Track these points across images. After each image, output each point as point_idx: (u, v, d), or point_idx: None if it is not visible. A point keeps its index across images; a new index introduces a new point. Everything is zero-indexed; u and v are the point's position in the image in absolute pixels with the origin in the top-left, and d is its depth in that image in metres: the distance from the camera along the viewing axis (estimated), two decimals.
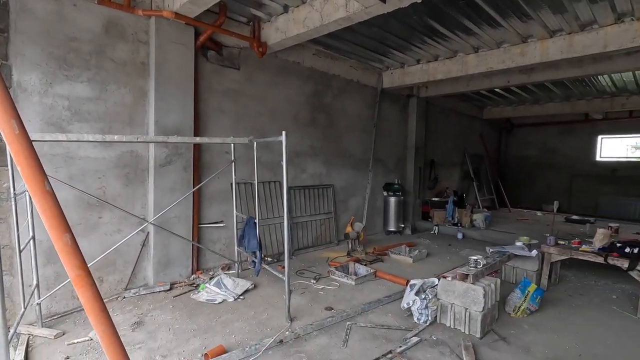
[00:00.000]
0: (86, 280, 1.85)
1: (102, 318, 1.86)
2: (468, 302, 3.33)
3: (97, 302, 1.84)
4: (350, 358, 2.90)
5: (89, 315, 1.91)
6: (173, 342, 3.09)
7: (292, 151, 6.03)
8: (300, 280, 4.70)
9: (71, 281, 1.92)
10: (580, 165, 11.69)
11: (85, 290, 1.84)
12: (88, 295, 1.85)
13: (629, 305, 4.08)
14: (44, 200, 1.70)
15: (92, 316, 1.89)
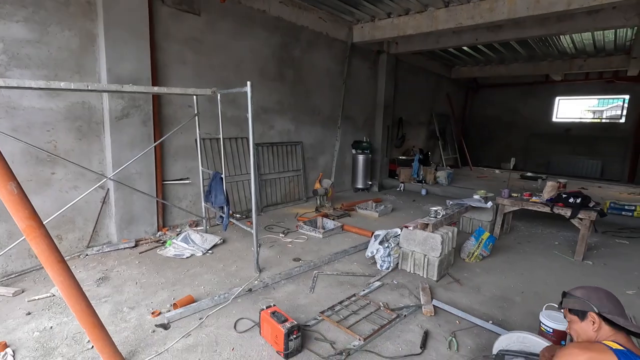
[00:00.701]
0: (38, 231, 1.77)
1: (59, 269, 1.82)
2: (427, 249, 3.55)
3: (53, 253, 1.78)
4: (316, 302, 3.06)
5: (45, 267, 1.86)
6: (140, 295, 3.10)
7: (259, 107, 5.86)
8: (269, 235, 4.77)
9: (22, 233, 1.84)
10: (537, 126, 12.30)
11: (39, 242, 1.78)
12: (42, 247, 1.78)
13: (568, 250, 4.53)
14: None
15: (49, 267, 1.84)
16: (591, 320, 1.45)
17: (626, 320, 1.40)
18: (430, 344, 2.51)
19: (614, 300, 1.48)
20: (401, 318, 2.80)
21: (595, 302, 1.47)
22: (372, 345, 2.48)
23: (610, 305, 1.45)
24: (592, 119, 11.85)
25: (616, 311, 1.44)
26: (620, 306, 1.47)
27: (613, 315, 1.42)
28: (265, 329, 2.47)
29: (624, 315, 1.43)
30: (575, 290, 1.56)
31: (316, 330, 2.63)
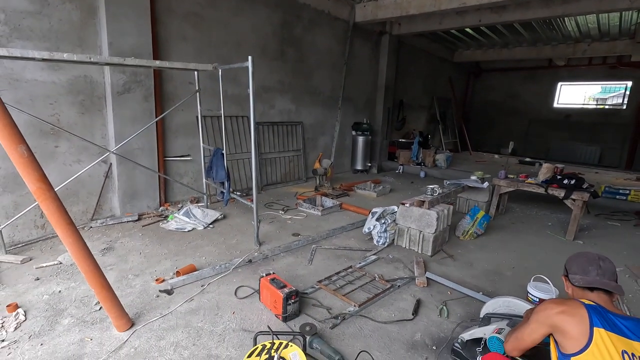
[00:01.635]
0: (48, 194, 1.85)
1: (69, 230, 1.91)
2: (422, 226, 3.65)
3: (62, 215, 1.87)
4: (314, 273, 3.17)
5: (56, 228, 1.95)
6: (144, 264, 3.21)
7: (260, 86, 5.86)
8: (269, 212, 4.87)
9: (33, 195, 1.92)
10: (538, 111, 12.27)
11: (49, 203, 1.85)
12: (52, 209, 1.86)
13: (561, 230, 4.63)
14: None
15: (59, 228, 1.93)
16: (564, 282, 1.57)
17: (584, 276, 1.48)
18: (421, 312, 2.64)
19: (581, 259, 1.55)
20: (395, 288, 2.92)
21: (568, 266, 1.59)
22: (367, 311, 2.60)
23: (575, 267, 1.54)
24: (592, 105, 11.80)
25: (579, 270, 1.52)
26: (586, 261, 1.52)
27: (573, 276, 1.52)
28: (264, 294, 2.59)
29: (586, 271, 1.49)
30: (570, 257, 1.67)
31: (313, 298, 2.74)
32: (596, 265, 1.50)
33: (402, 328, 2.43)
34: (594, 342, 1.30)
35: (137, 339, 2.21)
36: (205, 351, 2.13)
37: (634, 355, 1.28)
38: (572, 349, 1.34)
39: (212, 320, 2.43)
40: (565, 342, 1.38)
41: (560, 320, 1.40)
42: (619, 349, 1.28)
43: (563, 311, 1.40)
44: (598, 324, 1.32)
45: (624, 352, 1.28)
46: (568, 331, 1.37)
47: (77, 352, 2.07)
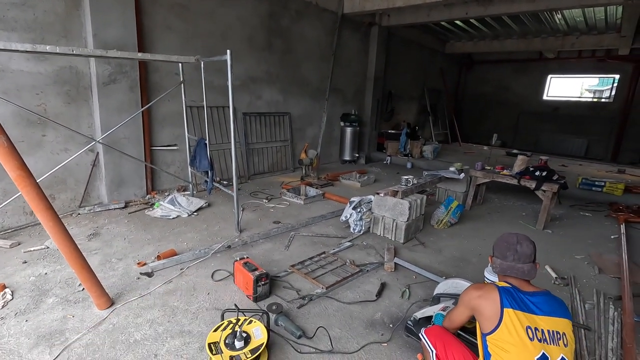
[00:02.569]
0: (28, 181, 1.99)
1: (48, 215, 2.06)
2: (396, 214, 3.83)
3: (42, 201, 2.01)
4: (289, 258, 3.35)
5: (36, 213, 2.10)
6: (128, 249, 3.37)
7: (247, 76, 5.95)
8: (253, 201, 5.03)
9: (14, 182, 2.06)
10: (528, 104, 12.39)
11: (29, 190, 2.00)
12: (32, 195, 2.01)
13: (533, 220, 4.81)
14: None
15: (39, 213, 2.08)
16: (490, 260, 1.74)
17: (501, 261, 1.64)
18: (385, 294, 2.82)
19: (502, 244, 1.68)
20: (364, 272, 3.11)
21: (493, 249, 1.74)
22: (334, 293, 2.78)
23: (497, 251, 1.70)
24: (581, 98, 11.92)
25: (498, 254, 1.67)
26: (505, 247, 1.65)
27: (495, 259, 1.68)
28: (237, 277, 2.76)
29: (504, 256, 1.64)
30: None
31: (285, 281, 2.92)
32: (513, 250, 1.63)
33: (365, 308, 2.62)
34: (503, 322, 1.46)
35: (116, 316, 2.38)
36: (178, 327, 2.30)
37: (537, 328, 1.45)
38: (487, 329, 1.51)
39: (187, 300, 2.61)
40: (482, 322, 1.55)
41: (478, 304, 1.57)
42: (524, 325, 1.44)
43: (480, 295, 1.57)
44: (507, 305, 1.48)
45: (528, 328, 1.44)
46: (483, 313, 1.53)
47: (59, 328, 2.24)
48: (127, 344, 2.13)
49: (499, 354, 1.47)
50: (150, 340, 2.17)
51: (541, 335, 1.46)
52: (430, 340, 1.75)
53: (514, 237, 1.70)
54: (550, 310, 1.51)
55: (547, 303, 1.53)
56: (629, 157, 10.59)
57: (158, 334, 2.23)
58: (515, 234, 1.72)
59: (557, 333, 1.47)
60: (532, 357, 1.42)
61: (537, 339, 1.45)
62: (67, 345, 2.10)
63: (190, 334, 2.24)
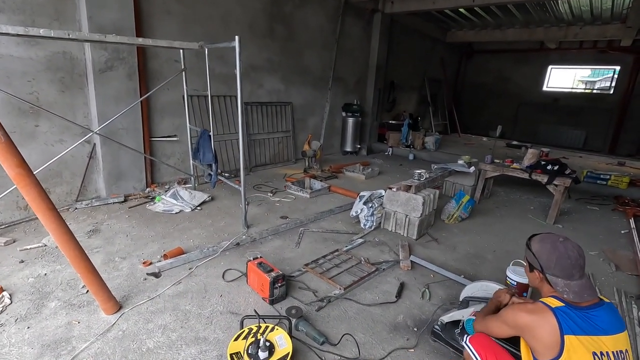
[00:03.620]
0: (28, 179, 1.81)
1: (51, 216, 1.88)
2: (409, 210, 3.71)
3: (44, 200, 1.83)
4: (301, 256, 3.22)
5: (37, 214, 1.92)
6: (131, 247, 3.21)
7: (248, 64, 5.72)
8: (257, 194, 4.87)
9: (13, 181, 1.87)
10: (528, 95, 12.32)
11: (29, 190, 1.82)
12: (33, 194, 1.83)
13: (542, 214, 4.76)
14: None
15: (41, 214, 1.90)
16: (537, 275, 1.55)
17: (569, 281, 1.43)
18: (405, 294, 2.72)
19: (564, 261, 1.46)
20: (380, 271, 3.00)
21: (544, 262, 1.50)
22: (352, 294, 2.67)
23: (556, 268, 1.46)
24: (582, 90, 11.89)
25: (562, 274, 1.45)
26: (570, 265, 1.45)
27: (554, 278, 1.46)
28: (251, 278, 2.63)
29: (570, 275, 1.44)
30: (534, 242, 1.58)
31: (300, 281, 2.80)
32: (578, 266, 1.45)
33: (386, 310, 2.51)
34: (565, 350, 1.31)
35: (125, 321, 2.24)
36: (193, 333, 2.17)
37: (602, 353, 1.31)
38: (544, 357, 1.36)
39: (199, 303, 2.47)
40: (538, 350, 1.38)
41: (530, 328, 1.40)
42: (590, 351, 1.30)
43: (534, 320, 1.40)
44: (568, 332, 1.33)
45: (594, 354, 1.30)
46: (540, 340, 1.37)
47: (65, 335, 2.09)
48: (139, 352, 2.00)
49: None
50: (164, 348, 2.04)
51: (607, 359, 1.32)
52: (478, 351, 1.58)
53: (565, 245, 1.49)
54: (612, 325, 1.37)
55: (608, 317, 1.39)
56: (627, 149, 10.64)
57: (172, 341, 2.09)
58: (563, 241, 1.51)
59: (621, 352, 1.34)
60: None
61: None
62: (75, 355, 1.95)
63: (207, 341, 2.11)
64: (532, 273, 1.60)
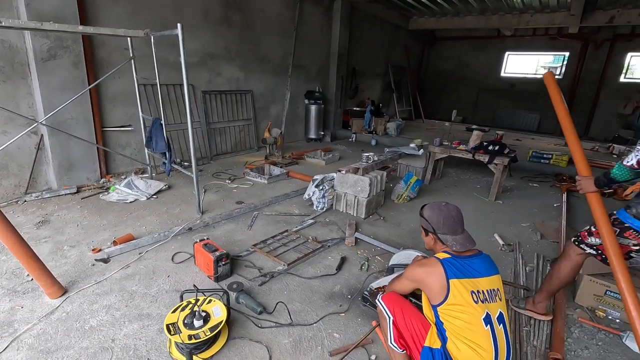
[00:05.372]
0: None
1: None
2: (357, 191, 3.92)
3: None
4: (252, 238, 3.36)
5: None
6: (81, 235, 3.24)
7: (204, 53, 5.70)
8: (216, 182, 4.94)
9: None
10: (486, 80, 12.82)
11: None
12: None
13: (486, 192, 5.10)
14: None
15: None
16: (431, 237, 1.82)
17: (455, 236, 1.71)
18: (345, 267, 2.93)
19: (449, 219, 1.74)
20: (325, 248, 3.19)
21: (435, 224, 1.76)
22: (295, 269, 2.85)
23: (445, 227, 1.73)
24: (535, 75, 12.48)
25: (449, 230, 1.72)
26: (454, 222, 1.73)
27: (443, 235, 1.73)
28: (198, 258, 2.75)
29: (455, 230, 1.72)
30: (425, 210, 1.86)
31: (247, 260, 2.95)
32: (459, 222, 1.75)
33: (325, 282, 2.71)
34: (451, 292, 1.56)
35: (69, 304, 2.31)
36: (137, 311, 2.28)
37: (479, 291, 1.57)
38: (436, 301, 1.60)
39: (146, 283, 2.57)
40: (431, 295, 1.64)
41: (423, 278, 1.66)
42: (469, 290, 1.56)
43: (425, 271, 1.66)
44: (452, 276, 1.58)
45: (472, 292, 1.56)
46: (431, 287, 1.62)
47: (7, 319, 2.15)
48: (82, 331, 2.09)
49: (450, 322, 1.57)
50: (107, 325, 2.14)
51: (482, 296, 1.58)
52: (387, 306, 1.81)
53: (448, 207, 1.79)
54: (486, 270, 1.65)
55: (483, 263, 1.66)
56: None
57: (115, 319, 2.20)
58: (445, 205, 1.82)
59: (493, 290, 1.62)
60: (479, 318, 1.53)
61: (480, 300, 1.57)
62: (17, 336, 2.02)
63: (150, 317, 2.23)
64: (427, 237, 1.85)
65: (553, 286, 2.29)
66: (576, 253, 2.19)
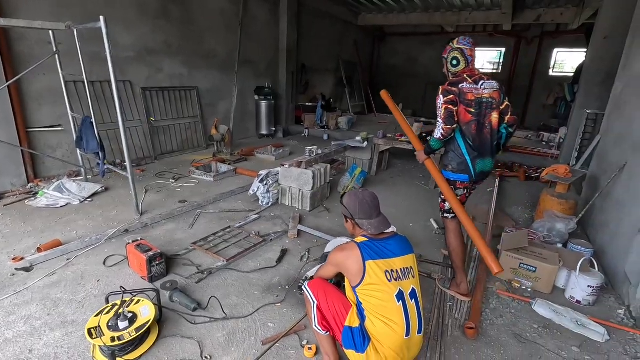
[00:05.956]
0: None
1: None
2: (301, 184, 3.97)
3: None
4: (193, 236, 3.30)
5: None
6: (1, 244, 3.00)
7: (142, 47, 5.45)
8: (159, 181, 4.77)
9: None
10: (433, 75, 13.42)
11: None
12: None
13: (428, 181, 5.38)
14: None
15: None
16: (351, 223, 1.91)
17: (371, 220, 1.79)
18: (286, 259, 2.97)
19: (364, 205, 1.82)
20: (267, 242, 3.21)
21: (352, 210, 1.85)
22: (235, 264, 2.85)
23: (361, 212, 1.81)
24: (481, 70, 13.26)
25: (365, 215, 1.80)
26: (369, 208, 1.81)
27: (360, 221, 1.81)
28: (132, 260, 2.66)
29: (370, 215, 1.80)
30: (344, 198, 1.94)
31: (186, 258, 2.90)
32: (374, 207, 1.84)
33: (264, 275, 2.73)
34: (367, 273, 1.65)
35: None
36: (60, 319, 2.17)
37: (393, 270, 1.68)
38: (355, 282, 1.69)
39: (73, 290, 2.45)
40: (350, 278, 1.73)
41: (343, 262, 1.74)
42: (383, 270, 1.66)
43: (344, 255, 1.74)
44: (368, 258, 1.67)
45: (386, 271, 1.66)
46: (350, 270, 1.71)
47: None
48: None
49: (368, 300, 1.67)
50: (24, 336, 2.02)
51: (396, 274, 1.69)
52: (312, 292, 1.88)
53: (363, 194, 1.88)
54: (400, 250, 1.76)
55: (397, 244, 1.77)
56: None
57: (34, 328, 2.08)
58: (362, 192, 1.91)
59: (407, 268, 1.73)
60: (392, 295, 1.64)
61: (393, 279, 1.68)
62: None
63: (75, 324, 2.13)
64: (347, 223, 1.94)
65: (456, 261, 2.56)
66: (447, 222, 2.61)
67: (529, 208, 4.47)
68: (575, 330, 2.26)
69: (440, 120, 2.33)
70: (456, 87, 2.36)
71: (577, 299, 2.55)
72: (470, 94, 2.35)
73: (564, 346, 2.15)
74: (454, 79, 2.45)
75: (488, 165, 2.47)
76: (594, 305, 2.54)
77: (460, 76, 2.43)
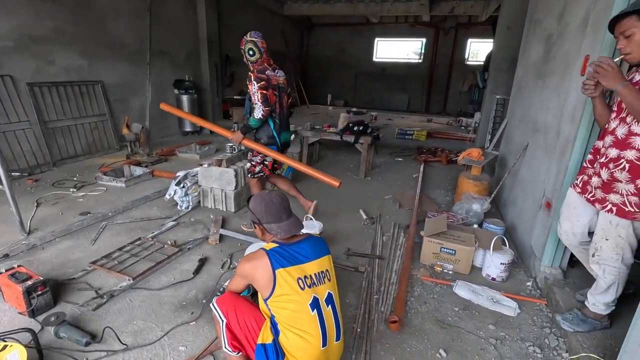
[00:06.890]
0: None
1: None
2: (224, 184, 3.69)
3: None
4: (95, 253, 2.86)
5: None
6: None
7: (23, 35, 4.64)
8: (57, 192, 4.12)
9: None
10: (362, 65, 13.72)
11: None
12: None
13: (358, 170, 5.40)
14: None
15: None
16: (259, 228, 1.75)
17: (280, 223, 1.63)
18: (205, 269, 2.71)
19: (271, 207, 1.66)
20: (184, 251, 2.91)
21: (259, 214, 1.68)
22: (144, 282, 2.51)
23: (268, 216, 1.65)
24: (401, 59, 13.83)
25: (273, 219, 1.64)
26: (277, 210, 1.65)
27: (268, 225, 1.65)
28: (6, 292, 2.19)
29: (279, 218, 1.64)
30: (250, 202, 1.75)
31: (83, 281, 2.48)
32: (283, 209, 1.67)
33: (178, 290, 2.45)
34: (277, 283, 1.48)
35: None
36: None
37: (306, 277, 1.53)
38: (265, 295, 1.51)
39: None
40: (260, 290, 1.54)
41: (251, 273, 1.55)
42: (295, 278, 1.50)
43: (252, 266, 1.54)
44: (277, 266, 1.49)
45: (299, 279, 1.51)
46: (259, 281, 1.52)
47: None
48: None
49: (280, 313, 1.49)
50: None
51: (310, 281, 1.54)
52: (221, 309, 1.66)
53: (270, 195, 1.70)
54: (314, 253, 1.61)
55: (311, 247, 1.62)
56: (437, 108, 13.03)
57: None
58: (268, 193, 1.73)
59: (322, 272, 1.59)
60: (306, 304, 1.49)
61: (307, 286, 1.52)
62: None
63: None
64: (256, 229, 1.75)
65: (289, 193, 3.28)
66: (253, 181, 3.29)
67: (450, 191, 4.70)
68: (491, 308, 2.35)
69: (259, 102, 2.92)
70: (264, 74, 2.96)
71: (493, 276, 2.68)
72: (274, 79, 3.05)
73: (481, 325, 2.22)
74: (259, 67, 3.03)
75: (288, 137, 3.34)
76: (507, 280, 2.69)
77: (262, 65, 3.05)
